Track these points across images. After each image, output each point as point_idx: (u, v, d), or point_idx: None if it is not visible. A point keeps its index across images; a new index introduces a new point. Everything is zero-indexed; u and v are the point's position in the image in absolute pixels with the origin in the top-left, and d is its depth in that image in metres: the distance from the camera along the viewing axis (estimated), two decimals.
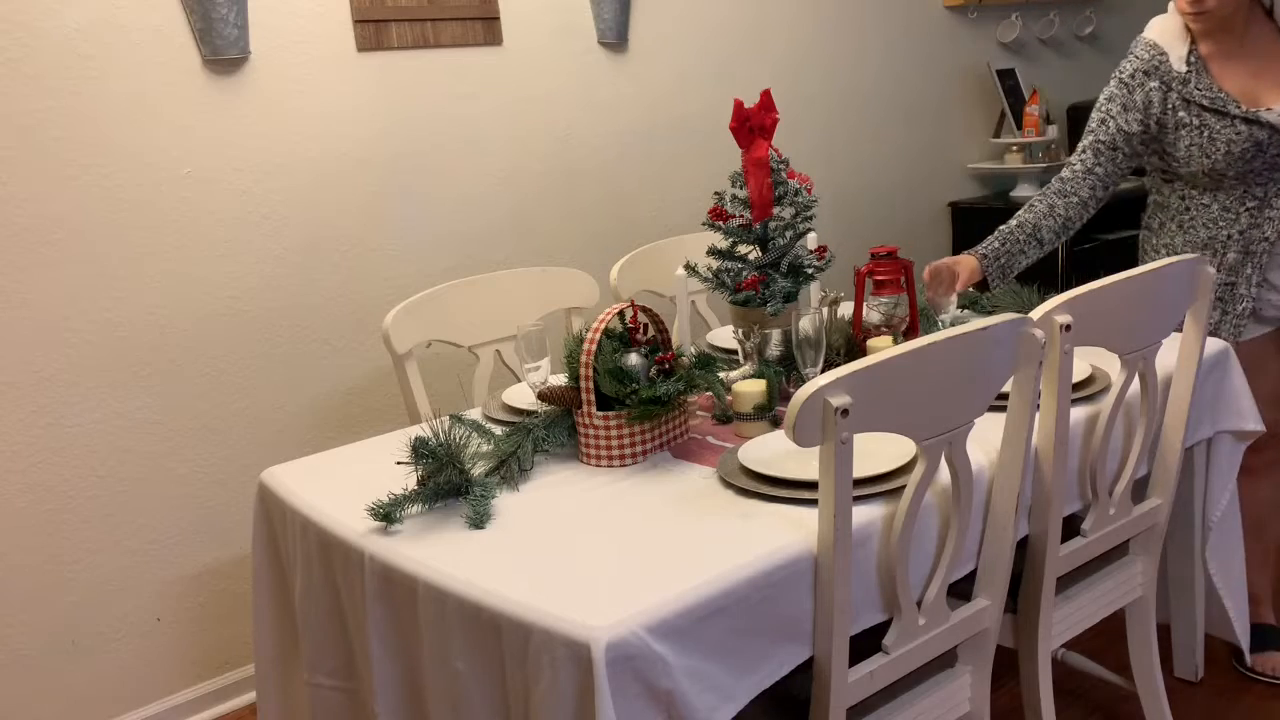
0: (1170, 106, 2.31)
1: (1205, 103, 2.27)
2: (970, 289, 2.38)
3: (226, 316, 2.59)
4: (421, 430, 1.77)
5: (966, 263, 2.34)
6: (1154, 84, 2.32)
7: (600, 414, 1.80)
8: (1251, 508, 2.38)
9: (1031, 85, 4.37)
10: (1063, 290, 1.73)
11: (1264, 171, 2.26)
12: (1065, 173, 2.44)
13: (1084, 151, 2.41)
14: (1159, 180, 2.43)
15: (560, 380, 1.93)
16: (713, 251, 2.12)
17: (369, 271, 2.81)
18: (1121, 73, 2.38)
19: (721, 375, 1.97)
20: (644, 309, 1.91)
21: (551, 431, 1.86)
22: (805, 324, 1.92)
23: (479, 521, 1.62)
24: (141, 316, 2.47)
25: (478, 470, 1.75)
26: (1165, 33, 2.34)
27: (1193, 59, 2.30)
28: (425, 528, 1.63)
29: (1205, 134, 2.28)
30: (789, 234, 2.09)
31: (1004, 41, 4.39)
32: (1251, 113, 2.23)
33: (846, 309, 2.30)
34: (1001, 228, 2.42)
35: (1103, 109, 2.40)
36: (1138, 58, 2.36)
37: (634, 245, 2.86)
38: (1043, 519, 1.78)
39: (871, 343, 2.05)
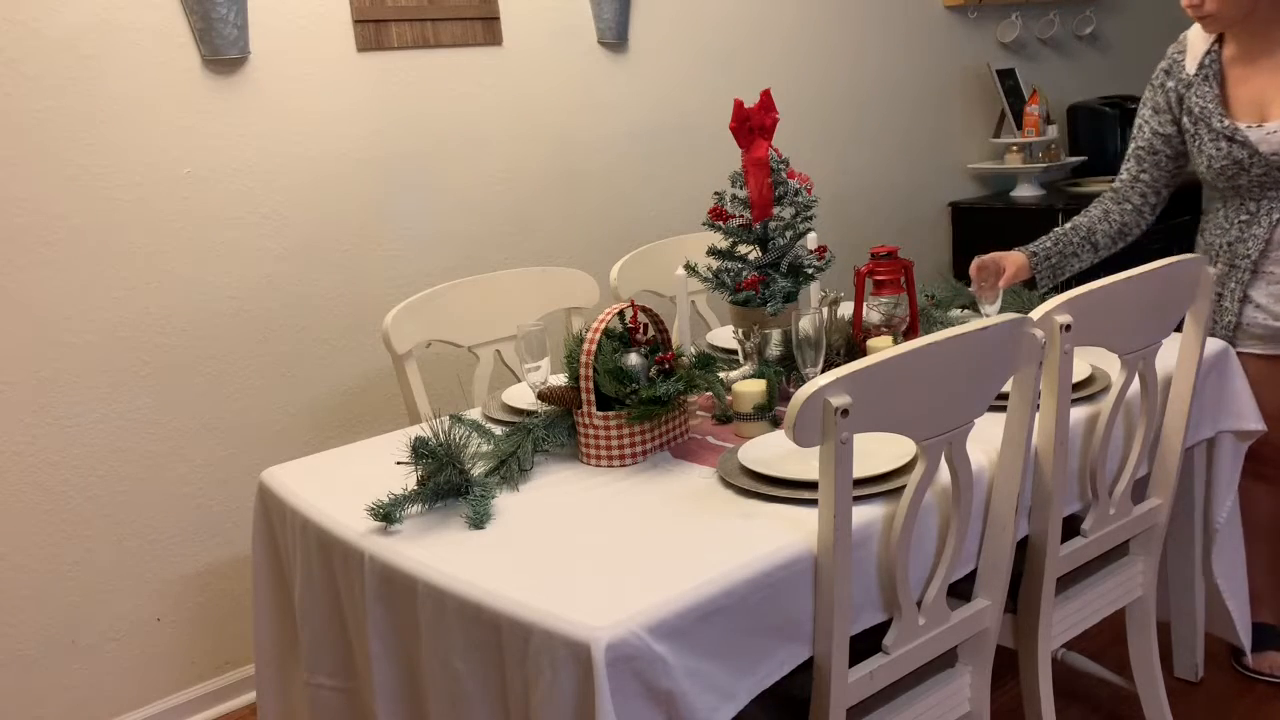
0: (1183, 110, 2.28)
1: (1197, 111, 2.24)
2: (1019, 286, 2.34)
3: (226, 316, 2.59)
4: (421, 430, 1.77)
5: (1014, 259, 2.30)
6: (1171, 84, 2.30)
7: (600, 414, 1.80)
8: (1265, 514, 2.37)
9: (1031, 85, 4.37)
10: (1063, 290, 1.73)
11: (1254, 188, 2.22)
12: (1116, 180, 2.42)
13: (1128, 160, 2.39)
14: None
15: (560, 380, 1.93)
16: (713, 251, 2.12)
17: (369, 271, 2.81)
18: (1154, 74, 2.35)
19: (721, 375, 1.97)
20: (644, 309, 1.91)
21: (551, 431, 1.86)
22: (805, 324, 1.92)
23: (479, 521, 1.62)
24: (141, 316, 2.47)
25: (478, 470, 1.75)
26: (1197, 31, 2.29)
27: (1208, 61, 2.25)
28: (425, 528, 1.63)
29: (1196, 143, 2.26)
30: (789, 234, 2.09)
31: (1004, 41, 4.39)
32: (1228, 128, 2.19)
33: (846, 309, 2.30)
34: (1056, 229, 2.39)
35: (1140, 114, 2.37)
36: (1165, 57, 2.33)
37: (634, 245, 2.86)
38: (1043, 519, 1.78)
39: (871, 343, 2.05)
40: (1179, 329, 1.97)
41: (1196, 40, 2.29)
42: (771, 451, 1.74)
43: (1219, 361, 2.16)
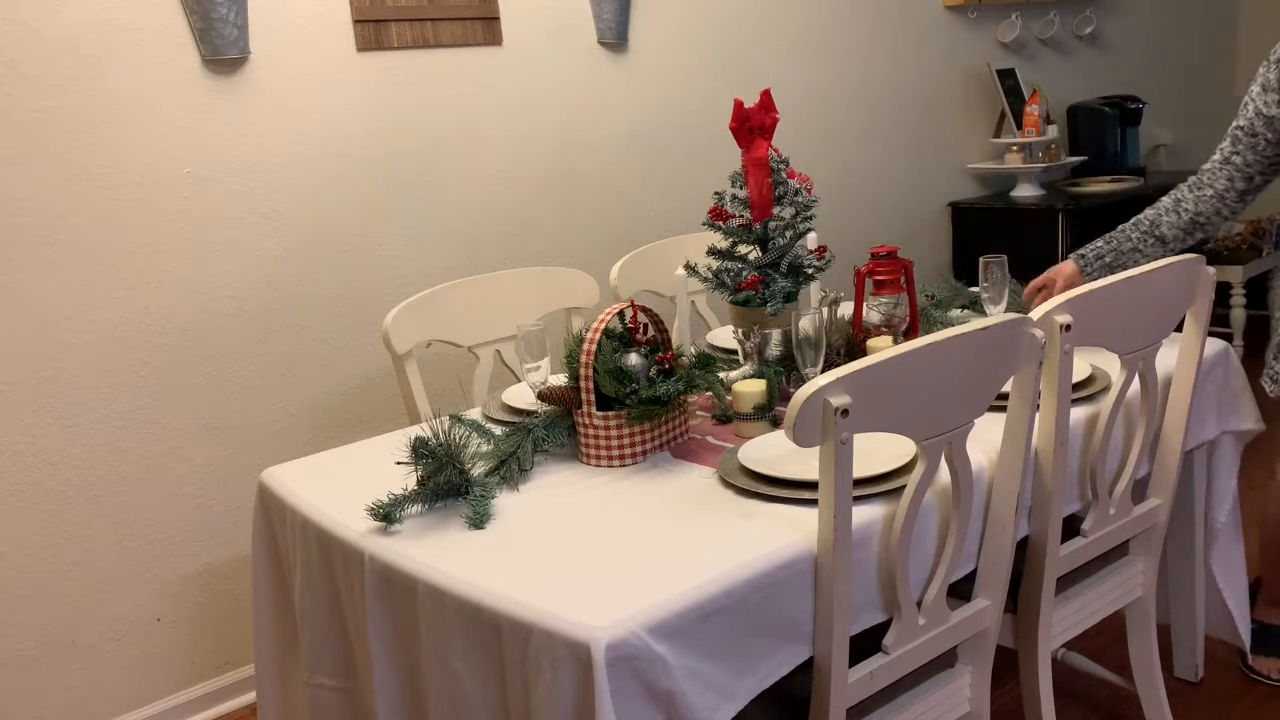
0: None
1: None
2: (1018, 285, 2.26)
3: (226, 316, 2.59)
4: (421, 430, 1.77)
5: (1064, 270, 2.21)
6: None
7: (600, 414, 1.80)
8: None
9: (1031, 85, 4.37)
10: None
11: None
12: (1205, 164, 2.23)
13: (1224, 140, 2.20)
14: None
15: (560, 380, 1.93)
16: (713, 251, 2.12)
17: (369, 271, 2.81)
18: (1273, 49, 2.13)
19: (721, 375, 1.97)
20: (644, 309, 1.91)
21: (551, 431, 1.86)
22: (805, 324, 1.92)
23: (479, 521, 1.62)
24: (141, 316, 2.47)
25: (478, 470, 1.75)
26: None
27: None
28: (425, 528, 1.63)
29: None
30: (789, 234, 2.09)
31: (1004, 41, 4.39)
32: None
33: (846, 309, 2.30)
34: (1120, 226, 2.24)
35: (1249, 91, 2.17)
36: None
37: (634, 245, 2.86)
38: (1043, 519, 1.78)
39: (871, 343, 2.05)
40: (1179, 329, 1.97)
41: None
42: (771, 451, 1.74)
43: (1219, 362, 2.16)
